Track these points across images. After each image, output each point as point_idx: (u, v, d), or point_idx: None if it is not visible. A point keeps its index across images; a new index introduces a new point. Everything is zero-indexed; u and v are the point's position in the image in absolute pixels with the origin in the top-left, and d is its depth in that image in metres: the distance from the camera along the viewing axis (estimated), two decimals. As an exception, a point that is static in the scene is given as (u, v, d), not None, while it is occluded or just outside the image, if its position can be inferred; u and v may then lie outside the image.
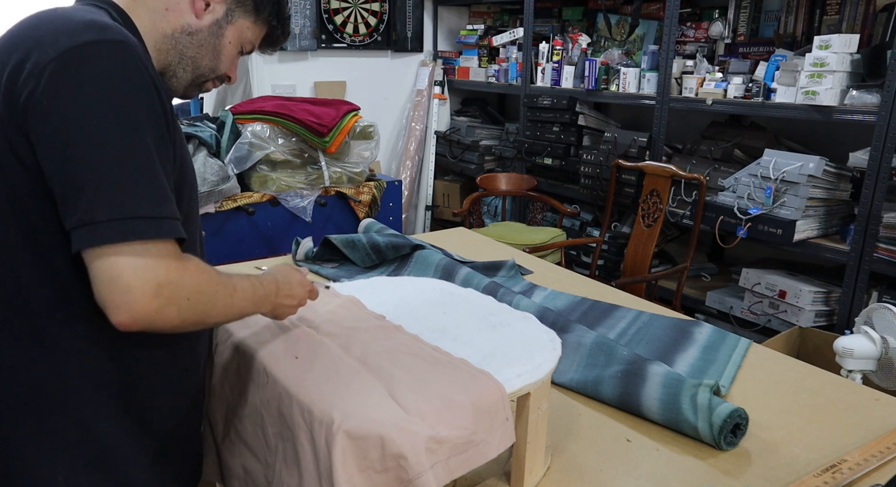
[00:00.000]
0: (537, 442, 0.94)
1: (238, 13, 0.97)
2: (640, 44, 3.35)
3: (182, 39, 0.94)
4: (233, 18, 0.97)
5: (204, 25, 0.94)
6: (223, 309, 0.84)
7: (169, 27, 0.92)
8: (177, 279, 0.76)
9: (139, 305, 0.74)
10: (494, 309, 1.10)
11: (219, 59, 0.98)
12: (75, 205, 0.74)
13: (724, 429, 1.04)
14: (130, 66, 0.78)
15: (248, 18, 0.98)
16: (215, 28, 0.95)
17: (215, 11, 0.95)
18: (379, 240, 1.82)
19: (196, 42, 0.95)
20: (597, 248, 3.03)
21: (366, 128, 2.78)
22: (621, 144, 3.09)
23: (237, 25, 0.97)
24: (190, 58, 0.95)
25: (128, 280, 0.73)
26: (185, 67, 0.96)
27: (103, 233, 0.73)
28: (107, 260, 0.73)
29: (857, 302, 2.31)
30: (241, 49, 1.01)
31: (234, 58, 1.01)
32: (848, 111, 2.27)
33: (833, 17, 2.63)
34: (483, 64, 4.19)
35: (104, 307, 0.74)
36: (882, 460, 1.01)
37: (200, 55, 0.96)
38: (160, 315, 0.75)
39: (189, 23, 0.93)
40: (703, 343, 1.41)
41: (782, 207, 2.41)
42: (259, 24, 1.00)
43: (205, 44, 0.96)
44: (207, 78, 0.99)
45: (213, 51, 0.97)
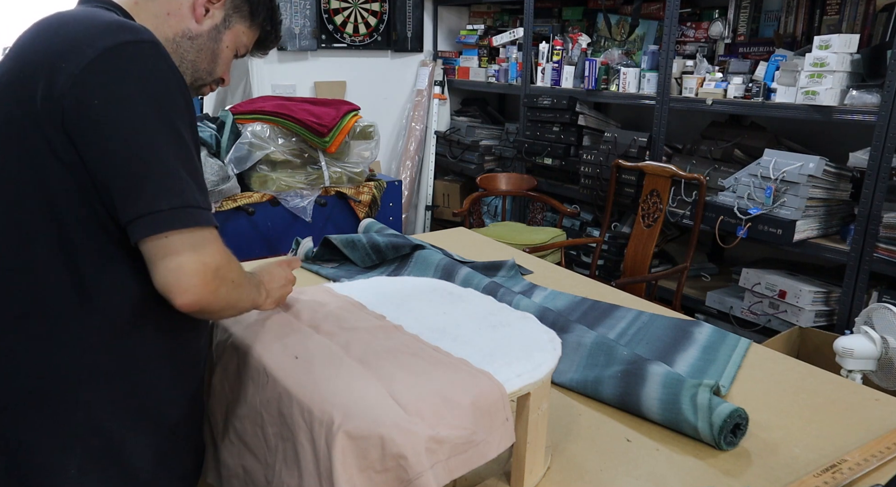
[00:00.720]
0: (537, 442, 0.94)
1: (235, 18, 1.01)
2: (640, 44, 3.35)
3: (183, 44, 0.97)
4: (230, 23, 1.00)
5: (204, 30, 0.98)
6: (247, 294, 0.92)
7: (171, 31, 0.95)
8: (226, 262, 0.84)
9: (201, 288, 0.80)
10: (494, 309, 1.10)
11: (216, 62, 1.02)
12: (137, 198, 0.78)
13: (724, 429, 1.04)
14: (166, 66, 0.82)
15: (244, 23, 1.02)
16: (214, 33, 0.99)
17: (214, 17, 0.99)
18: (379, 239, 1.82)
19: (196, 46, 0.98)
20: (597, 248, 3.03)
21: (366, 128, 2.78)
22: (621, 144, 3.09)
23: (234, 30, 1.01)
24: (190, 62, 0.98)
25: (193, 265, 0.79)
26: (184, 71, 0.98)
27: (166, 220, 0.78)
28: (170, 247, 0.79)
29: (857, 302, 2.31)
30: (236, 53, 1.05)
31: (229, 61, 1.04)
32: (848, 111, 2.27)
33: (833, 17, 2.63)
34: (483, 64, 4.19)
35: (168, 291, 0.80)
36: (882, 460, 1.01)
37: (200, 59, 0.99)
38: (216, 296, 0.82)
39: (189, 27, 0.97)
40: (703, 343, 1.41)
41: (782, 207, 2.41)
42: (254, 28, 1.04)
43: (204, 48, 0.99)
44: (205, 82, 1.03)
45: (211, 55, 1.00)
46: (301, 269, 1.80)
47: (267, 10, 1.05)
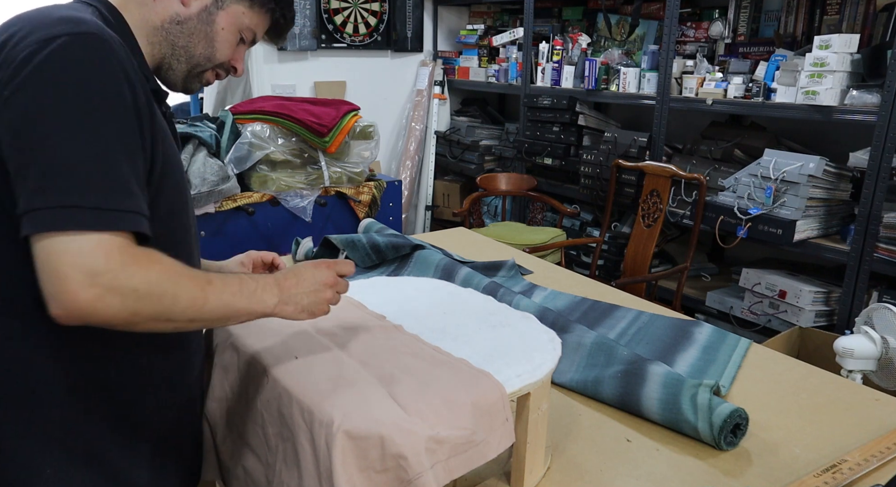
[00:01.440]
0: (537, 442, 0.94)
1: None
2: (640, 44, 3.35)
3: (172, 30, 0.94)
4: (224, 3, 0.95)
5: (192, 13, 0.94)
6: (191, 303, 0.78)
7: (158, 18, 0.93)
8: (117, 268, 0.72)
9: (72, 295, 0.71)
10: (494, 309, 1.10)
11: (213, 46, 0.97)
12: (22, 193, 0.73)
13: (724, 429, 1.04)
14: (99, 58, 0.77)
15: (243, 3, 0.97)
16: (205, 15, 0.95)
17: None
18: (379, 240, 1.82)
19: (186, 31, 0.94)
20: (597, 248, 3.03)
21: (366, 128, 2.78)
22: (621, 144, 3.09)
23: (230, 11, 0.96)
24: (182, 47, 0.95)
25: (61, 268, 0.71)
26: (178, 58, 0.95)
27: (43, 219, 0.71)
28: (44, 247, 0.71)
29: (858, 302, 2.31)
30: (242, 37, 0.99)
31: (231, 45, 0.99)
32: (848, 111, 2.27)
33: (833, 17, 2.63)
34: (483, 64, 4.19)
35: (45, 299, 0.72)
36: (882, 460, 1.01)
37: (192, 44, 0.95)
38: (99, 306, 0.72)
39: (177, 12, 0.93)
40: (703, 343, 1.41)
41: (782, 207, 2.41)
42: (256, 9, 0.98)
43: (196, 32, 0.95)
44: (204, 67, 0.98)
45: (205, 38, 0.95)
46: (301, 269, 1.80)
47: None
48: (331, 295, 0.92)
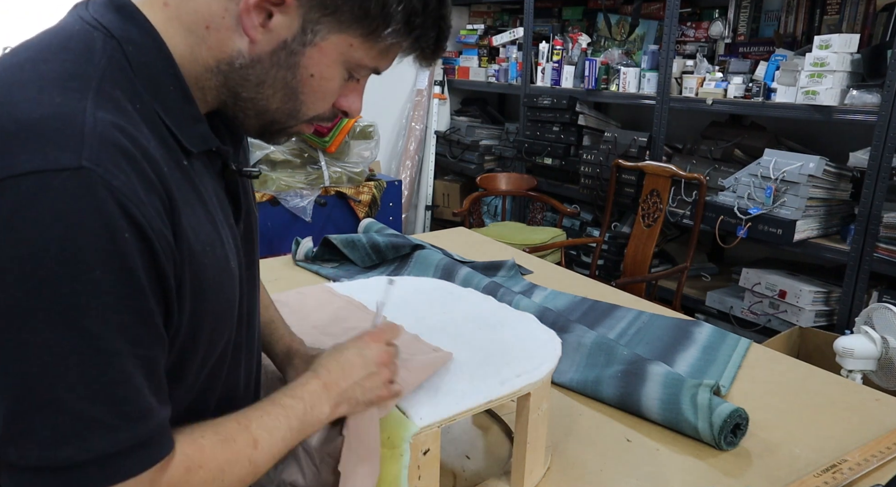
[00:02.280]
0: (537, 442, 0.93)
1: (327, 26, 0.61)
2: (640, 44, 3.35)
3: (232, 75, 0.63)
4: (316, 35, 0.61)
5: (262, 52, 0.62)
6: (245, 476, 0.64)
7: (212, 57, 0.62)
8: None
9: None
10: (494, 309, 1.10)
11: (296, 99, 0.65)
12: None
13: (724, 429, 1.04)
14: (83, 216, 0.49)
15: (351, 32, 0.62)
16: (283, 55, 0.62)
17: (279, 28, 0.61)
18: (379, 239, 1.82)
19: (254, 77, 0.63)
20: (597, 248, 3.03)
21: (366, 128, 2.78)
22: (621, 144, 3.09)
23: (327, 46, 0.62)
24: (248, 100, 0.65)
25: None
26: (245, 112, 0.66)
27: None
28: None
29: (858, 302, 2.31)
30: (350, 75, 0.67)
31: (330, 93, 0.67)
32: (848, 111, 2.27)
33: (833, 17, 2.63)
34: (483, 64, 4.19)
35: None
36: (882, 460, 1.01)
37: (263, 95, 0.64)
38: None
39: (240, 49, 0.62)
40: (703, 343, 1.41)
41: (782, 207, 2.41)
42: (377, 38, 0.63)
43: (268, 79, 0.63)
44: (287, 125, 0.68)
45: (284, 88, 0.64)
46: (301, 269, 1.80)
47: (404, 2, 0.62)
48: (388, 374, 0.77)
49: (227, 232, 0.67)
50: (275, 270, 1.79)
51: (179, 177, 0.59)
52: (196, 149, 0.63)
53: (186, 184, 0.60)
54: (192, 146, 0.62)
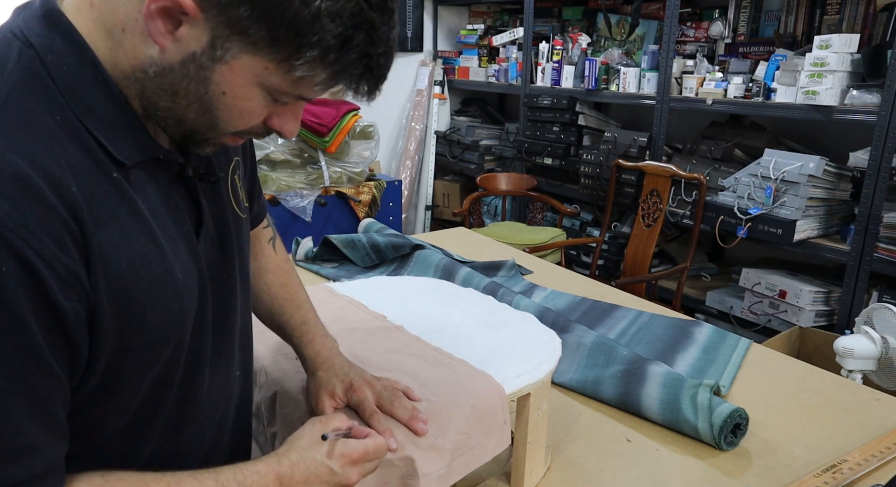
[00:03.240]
0: (537, 442, 0.93)
1: (237, 45, 0.57)
2: (640, 43, 3.35)
3: (148, 82, 0.59)
4: (226, 53, 0.58)
5: (173, 62, 0.58)
6: None
7: (128, 63, 0.59)
8: None
9: None
10: (494, 309, 1.10)
11: (212, 114, 0.61)
12: None
13: (724, 429, 1.04)
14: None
15: (262, 55, 0.58)
16: (192, 68, 0.58)
17: (187, 39, 0.57)
18: (379, 239, 1.82)
19: (168, 87, 0.59)
20: (597, 248, 3.03)
21: (366, 128, 2.78)
22: (621, 144, 3.09)
23: (238, 66, 0.58)
24: (165, 109, 0.61)
25: None
26: (165, 121, 0.63)
27: None
28: None
29: (858, 302, 2.31)
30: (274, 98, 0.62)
31: (250, 113, 0.63)
32: (848, 111, 2.27)
33: (833, 17, 2.63)
34: (483, 64, 4.19)
35: None
36: (882, 460, 1.01)
37: (179, 106, 0.61)
38: None
39: (152, 57, 0.58)
40: (703, 343, 1.41)
41: (782, 207, 2.41)
42: (289, 65, 0.58)
43: (180, 90, 0.60)
44: (208, 136, 0.64)
45: (197, 102, 0.60)
46: (301, 269, 1.80)
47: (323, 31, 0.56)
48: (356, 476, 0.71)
49: (176, 241, 0.64)
50: (275, 270, 1.79)
51: (106, 191, 0.57)
52: (130, 159, 0.59)
53: (115, 198, 0.57)
54: (126, 157, 0.59)
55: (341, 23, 0.56)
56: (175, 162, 0.66)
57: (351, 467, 0.70)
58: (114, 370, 0.59)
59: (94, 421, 0.61)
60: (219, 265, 0.73)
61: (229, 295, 0.75)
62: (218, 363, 0.74)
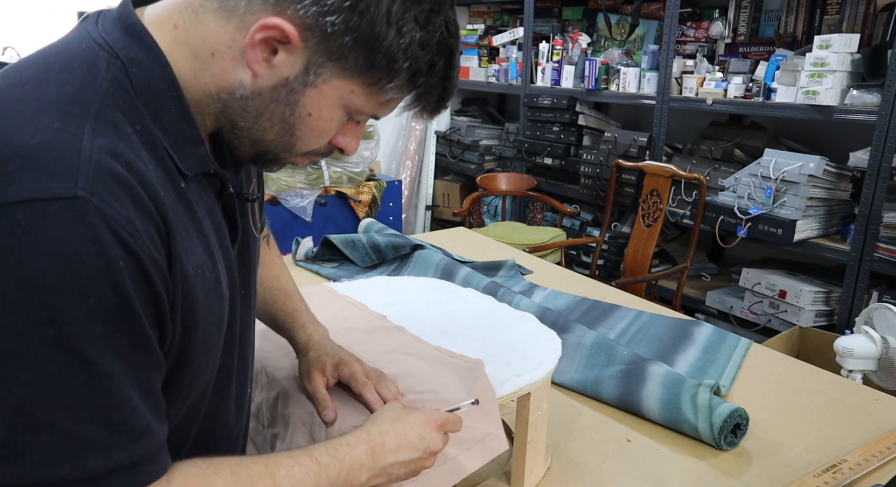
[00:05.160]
0: (537, 442, 0.93)
1: (330, 70, 0.61)
2: (640, 43, 3.35)
3: (232, 104, 0.63)
4: (318, 78, 0.61)
5: (263, 87, 0.61)
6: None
7: (213, 84, 0.62)
8: None
9: None
10: (494, 309, 1.10)
11: (292, 135, 0.65)
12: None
13: (724, 429, 1.04)
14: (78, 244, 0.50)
15: (354, 80, 0.61)
16: (283, 93, 0.61)
17: (282, 65, 0.60)
18: (379, 239, 1.82)
19: (252, 109, 0.63)
20: (597, 248, 3.03)
21: (366, 128, 2.78)
22: (621, 144, 3.09)
23: (328, 89, 0.62)
24: (245, 130, 0.65)
25: None
26: (240, 140, 0.66)
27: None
28: None
29: (858, 301, 2.31)
30: (350, 117, 0.66)
31: (326, 133, 0.66)
32: (848, 111, 2.27)
33: (833, 17, 2.63)
34: (483, 64, 4.19)
35: None
36: (882, 460, 1.01)
37: (260, 127, 0.64)
38: None
39: (242, 80, 0.61)
40: (704, 343, 1.41)
41: (782, 207, 2.41)
42: (377, 89, 0.62)
43: (265, 113, 0.63)
44: (280, 157, 0.68)
45: (281, 123, 0.64)
46: (301, 269, 1.80)
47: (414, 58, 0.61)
48: (431, 463, 0.75)
49: (219, 254, 0.66)
50: (275, 270, 1.79)
51: (175, 199, 0.59)
52: (192, 171, 0.62)
53: (182, 207, 0.60)
54: (189, 169, 0.62)
55: (430, 50, 0.61)
56: (221, 178, 0.68)
57: (437, 432, 0.74)
58: (172, 375, 0.61)
59: None
60: (243, 282, 0.74)
61: (249, 312, 0.77)
62: (241, 379, 0.76)
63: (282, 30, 0.58)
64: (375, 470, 0.69)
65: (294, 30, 0.58)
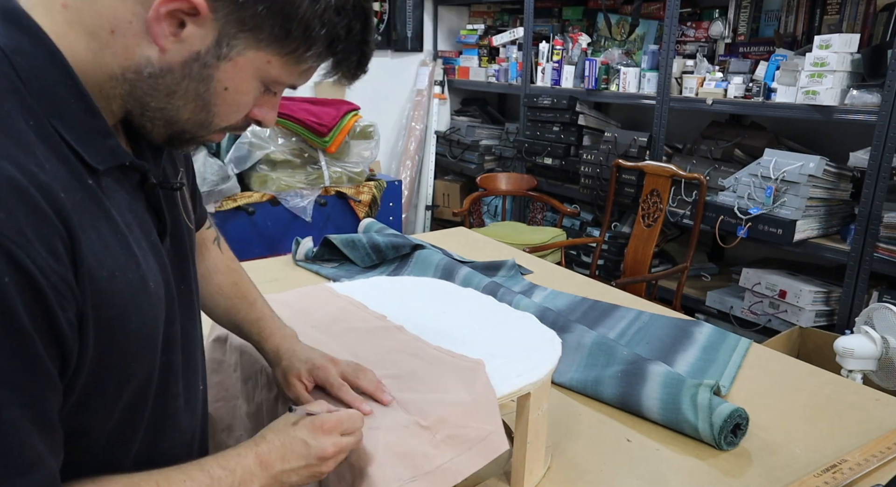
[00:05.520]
0: (537, 442, 0.93)
1: (244, 42, 0.58)
2: (641, 43, 3.35)
3: (140, 84, 0.58)
4: (232, 50, 0.58)
5: (174, 63, 0.58)
6: None
7: (117, 64, 0.57)
8: None
9: None
10: (494, 309, 1.10)
11: (209, 111, 0.62)
12: None
13: (724, 429, 1.04)
14: None
15: (269, 49, 0.59)
16: (196, 68, 0.58)
17: (192, 39, 0.57)
18: (379, 239, 1.82)
19: (163, 88, 0.59)
20: (597, 248, 3.03)
21: (366, 128, 2.78)
22: (621, 144, 3.09)
23: (244, 61, 0.60)
24: (157, 110, 0.61)
25: None
26: (152, 121, 0.62)
27: None
28: None
29: (858, 301, 2.31)
30: (267, 88, 0.64)
31: (244, 106, 0.64)
32: (848, 111, 2.27)
33: (833, 17, 2.63)
34: (483, 64, 4.19)
35: None
36: (882, 460, 1.01)
37: (173, 106, 0.60)
38: None
39: (149, 58, 0.57)
40: (704, 343, 1.41)
41: (782, 207, 2.41)
42: (295, 59, 0.61)
43: (178, 90, 0.59)
44: (196, 134, 0.65)
45: (196, 100, 0.61)
46: (301, 269, 1.80)
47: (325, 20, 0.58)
48: (327, 468, 0.72)
49: (148, 250, 0.63)
50: (275, 270, 1.79)
51: (82, 199, 0.55)
52: (103, 165, 0.58)
53: (92, 205, 0.56)
54: (99, 163, 0.57)
55: (346, 15, 0.59)
56: (139, 169, 0.64)
57: (324, 437, 0.71)
58: (95, 384, 0.58)
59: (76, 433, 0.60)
60: (179, 277, 0.71)
61: (190, 307, 0.75)
62: (189, 377, 0.74)
63: (189, 1, 0.54)
64: (266, 479, 0.68)
65: (202, 0, 0.55)
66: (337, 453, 0.72)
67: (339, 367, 0.85)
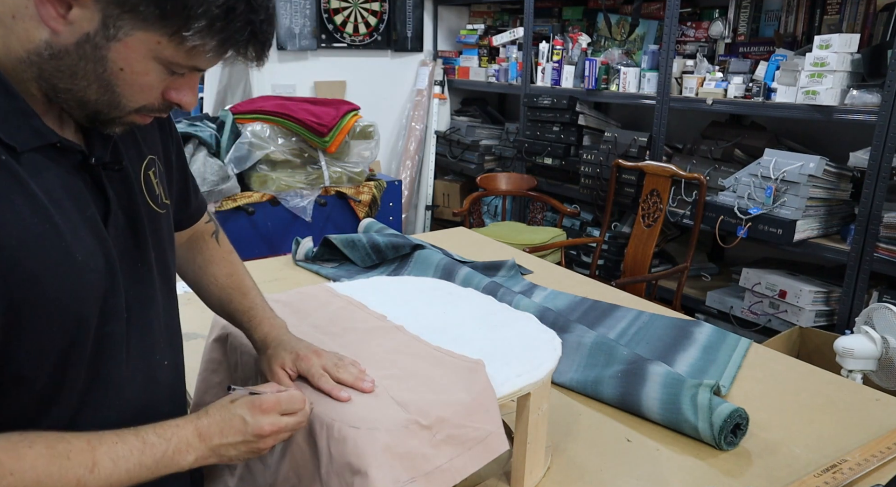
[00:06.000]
0: (537, 442, 0.93)
1: (129, 23, 0.61)
2: (641, 43, 3.35)
3: (45, 65, 0.62)
4: (119, 31, 0.61)
5: (67, 44, 0.61)
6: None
7: (22, 48, 0.62)
8: None
9: None
10: (494, 309, 1.10)
11: (113, 91, 0.65)
12: None
13: (724, 429, 1.04)
14: None
15: (154, 30, 0.62)
16: (88, 49, 0.62)
17: (80, 21, 0.61)
18: (379, 239, 1.82)
19: (66, 69, 0.63)
20: (597, 248, 3.03)
21: (366, 128, 2.78)
22: (621, 144, 3.09)
23: (133, 42, 0.62)
24: (65, 91, 0.64)
25: None
26: (67, 103, 0.66)
27: None
28: None
29: (858, 301, 2.31)
30: (172, 71, 0.67)
31: (150, 87, 0.67)
32: (848, 111, 2.27)
33: (833, 17, 2.63)
34: (483, 64, 4.19)
35: None
36: (882, 460, 1.01)
37: (79, 87, 0.64)
38: None
39: (47, 40, 0.61)
40: (704, 343, 1.41)
41: (782, 207, 2.41)
42: (180, 38, 0.62)
43: (78, 72, 0.63)
44: (113, 115, 0.68)
45: (97, 81, 0.64)
46: (301, 269, 1.80)
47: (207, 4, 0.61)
48: (264, 446, 0.75)
49: (76, 224, 0.66)
50: (275, 270, 1.79)
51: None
52: (23, 145, 0.62)
53: (5, 180, 0.60)
54: (20, 143, 0.62)
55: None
56: (75, 150, 0.68)
57: (262, 415, 0.74)
58: (16, 336, 0.61)
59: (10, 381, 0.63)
60: (132, 256, 0.75)
61: (146, 286, 0.78)
62: (139, 349, 0.77)
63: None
64: (204, 451, 0.71)
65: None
66: (275, 432, 0.75)
67: (322, 359, 0.87)
